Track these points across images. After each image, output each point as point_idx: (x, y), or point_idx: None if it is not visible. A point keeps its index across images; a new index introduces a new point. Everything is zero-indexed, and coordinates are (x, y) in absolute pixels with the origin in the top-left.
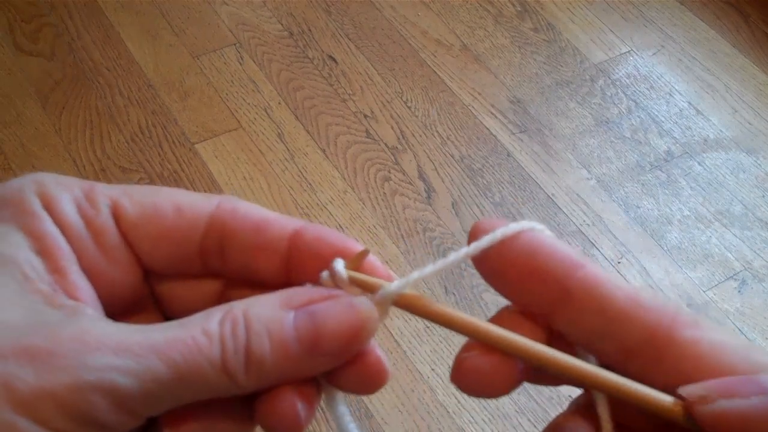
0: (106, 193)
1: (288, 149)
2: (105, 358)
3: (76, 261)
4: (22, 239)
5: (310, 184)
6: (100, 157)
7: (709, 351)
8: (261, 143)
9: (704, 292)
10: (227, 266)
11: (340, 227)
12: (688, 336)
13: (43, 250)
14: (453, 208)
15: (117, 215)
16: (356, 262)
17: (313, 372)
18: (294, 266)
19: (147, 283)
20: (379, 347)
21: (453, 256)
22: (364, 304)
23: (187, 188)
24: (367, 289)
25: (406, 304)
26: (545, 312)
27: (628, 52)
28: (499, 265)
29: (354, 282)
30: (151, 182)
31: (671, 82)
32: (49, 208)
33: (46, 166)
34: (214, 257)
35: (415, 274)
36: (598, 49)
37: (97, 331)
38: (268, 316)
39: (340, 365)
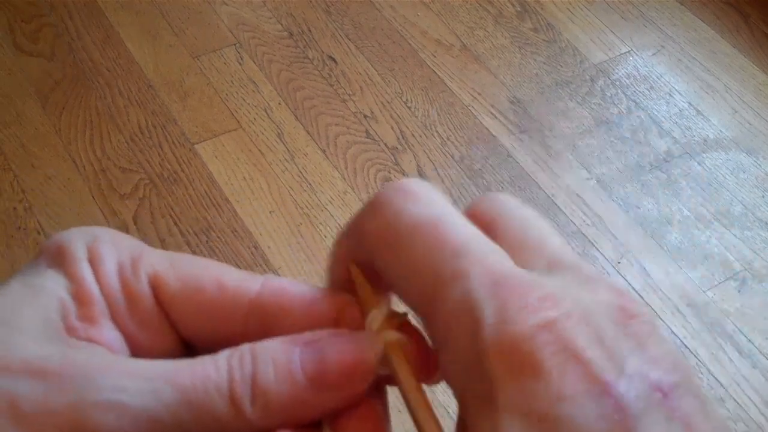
0: (152, 261)
1: (288, 149)
2: (113, 379)
3: (109, 316)
4: (62, 280)
5: (310, 185)
6: (100, 157)
7: None
8: (261, 143)
9: (704, 292)
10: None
11: (341, 227)
12: None
13: (79, 296)
14: None
15: (157, 286)
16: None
17: (319, 408)
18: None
19: (186, 354)
20: (384, 404)
21: None
22: (366, 337)
23: (186, 188)
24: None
25: (388, 360)
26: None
27: (628, 52)
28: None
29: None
30: (151, 182)
31: (671, 82)
32: (93, 262)
33: (46, 166)
34: (258, 337)
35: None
36: (598, 50)
37: (110, 358)
38: (275, 349)
39: (345, 413)
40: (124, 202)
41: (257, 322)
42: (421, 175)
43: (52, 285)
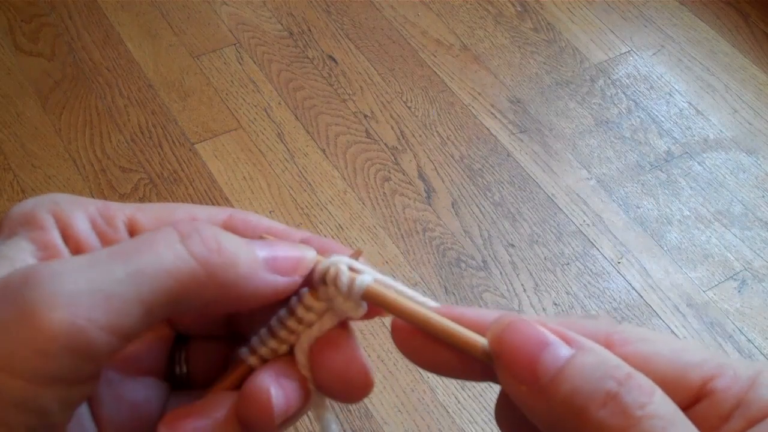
0: (122, 209)
1: (288, 149)
2: (54, 276)
3: None
4: (28, 246)
5: (310, 184)
6: (100, 157)
7: (642, 364)
8: (261, 143)
9: (704, 292)
10: None
11: (340, 227)
12: (620, 353)
13: (46, 259)
14: (453, 208)
15: (134, 230)
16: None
17: (273, 292)
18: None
19: None
20: (366, 357)
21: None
22: (305, 246)
23: (186, 188)
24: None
25: (373, 298)
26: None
27: (628, 52)
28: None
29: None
30: (151, 182)
31: (671, 82)
32: (62, 225)
33: (46, 166)
34: None
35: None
36: (598, 49)
37: (47, 262)
38: (234, 236)
39: (326, 370)
40: (124, 201)
41: None
42: (421, 174)
43: (16, 252)
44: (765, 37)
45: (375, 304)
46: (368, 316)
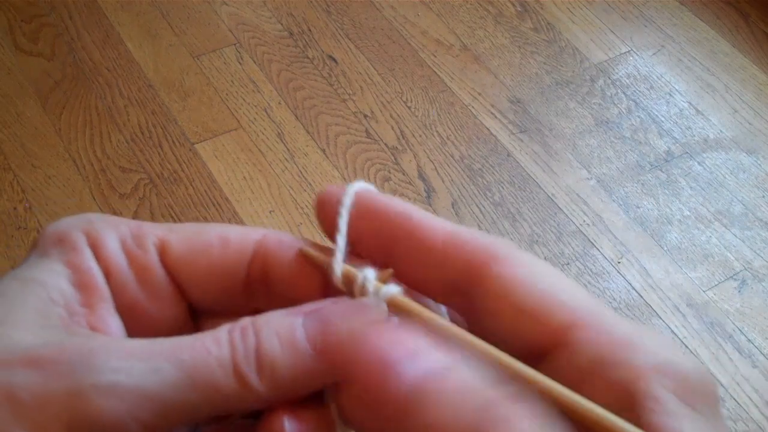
0: (153, 231)
1: (288, 149)
2: (110, 361)
3: (111, 301)
4: (61, 269)
5: (310, 184)
6: (100, 157)
7: (510, 288)
8: (261, 143)
9: (704, 292)
10: (271, 301)
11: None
12: (496, 272)
13: (80, 284)
14: (453, 208)
15: (163, 252)
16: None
17: (326, 378)
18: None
19: (193, 324)
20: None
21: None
22: (370, 302)
23: (186, 188)
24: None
25: (401, 309)
26: (386, 262)
27: (628, 52)
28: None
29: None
30: (151, 182)
31: (671, 82)
32: (94, 245)
33: (46, 166)
34: (260, 291)
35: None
36: (598, 49)
37: (107, 340)
38: (277, 321)
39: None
40: (124, 201)
41: (260, 273)
42: (421, 174)
43: (49, 276)
44: (765, 37)
45: (400, 313)
46: None
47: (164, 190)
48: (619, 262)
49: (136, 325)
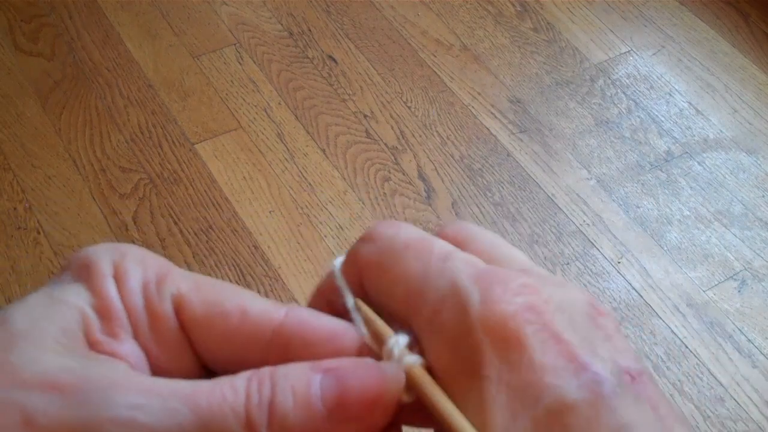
0: (177, 282)
1: (288, 149)
2: (129, 396)
3: (131, 332)
4: (86, 294)
5: (310, 184)
6: (99, 157)
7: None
8: (261, 143)
9: (704, 292)
10: None
11: (340, 227)
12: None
13: (102, 311)
14: (453, 208)
15: (180, 307)
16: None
17: None
18: None
19: (205, 377)
20: None
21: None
22: (390, 367)
23: (186, 188)
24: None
25: (414, 382)
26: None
27: (628, 52)
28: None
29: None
30: (151, 182)
31: (671, 82)
32: (118, 278)
33: (46, 166)
34: (278, 362)
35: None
36: (598, 49)
37: (128, 374)
38: (295, 375)
39: None
40: (123, 201)
41: (279, 353)
42: (421, 174)
43: (75, 299)
44: (765, 37)
45: (414, 389)
46: (428, 421)
47: (164, 190)
48: (619, 262)
49: (149, 366)
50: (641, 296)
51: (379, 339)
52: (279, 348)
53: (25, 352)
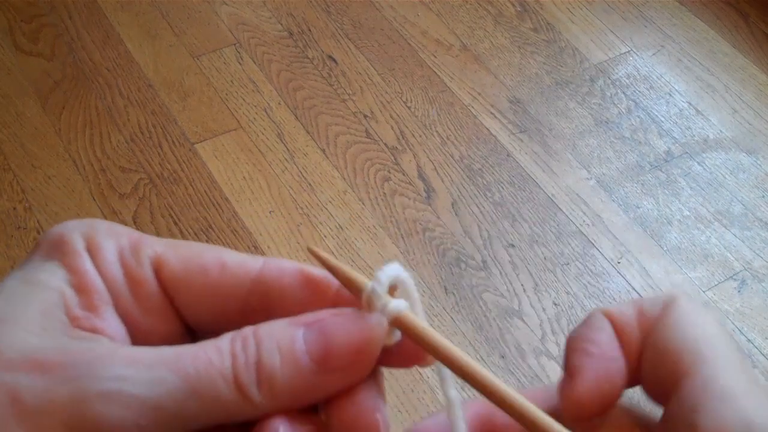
0: (152, 245)
1: (288, 149)
2: (114, 368)
3: (111, 303)
4: (61, 272)
5: (309, 184)
6: (99, 157)
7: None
8: (261, 143)
9: (704, 292)
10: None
11: (340, 227)
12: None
13: (80, 287)
14: (453, 208)
15: (159, 268)
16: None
17: (325, 391)
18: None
19: (188, 339)
20: (384, 414)
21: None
22: (373, 316)
23: (186, 188)
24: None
25: (406, 327)
26: None
27: (628, 52)
28: None
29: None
30: (151, 182)
31: (671, 82)
32: (92, 251)
33: (46, 166)
34: (259, 317)
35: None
36: (597, 49)
37: (111, 347)
38: (278, 332)
39: (336, 416)
40: (123, 201)
41: (259, 302)
42: (421, 174)
43: (50, 278)
44: (765, 37)
45: (405, 333)
46: (405, 362)
47: (164, 190)
48: (618, 262)
49: (130, 336)
50: (641, 296)
51: (352, 286)
52: (259, 297)
53: (6, 335)
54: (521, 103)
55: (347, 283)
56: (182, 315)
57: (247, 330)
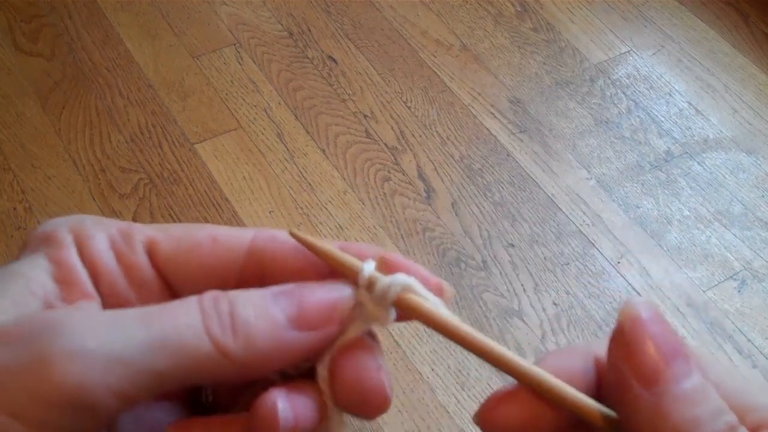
0: (142, 231)
1: (288, 149)
2: (76, 327)
3: (97, 298)
4: (44, 264)
5: (309, 184)
6: (99, 157)
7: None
8: (261, 143)
9: (704, 292)
10: None
11: (340, 227)
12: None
13: (62, 279)
14: (453, 208)
15: (152, 250)
16: (383, 265)
17: (300, 350)
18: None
19: None
20: (386, 372)
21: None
22: (338, 283)
23: (186, 188)
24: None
25: (407, 306)
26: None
27: (628, 52)
28: None
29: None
30: (151, 182)
31: (671, 82)
32: (81, 244)
33: (46, 166)
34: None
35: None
36: (597, 49)
37: (72, 312)
38: (252, 293)
39: (341, 382)
40: (123, 202)
41: (254, 274)
42: (421, 175)
43: (30, 269)
44: (765, 37)
45: (408, 313)
46: (398, 320)
47: (164, 190)
48: (618, 262)
49: None
50: (641, 296)
51: (345, 269)
52: (253, 268)
53: None
54: (521, 103)
55: (339, 267)
56: (180, 296)
57: (215, 291)
